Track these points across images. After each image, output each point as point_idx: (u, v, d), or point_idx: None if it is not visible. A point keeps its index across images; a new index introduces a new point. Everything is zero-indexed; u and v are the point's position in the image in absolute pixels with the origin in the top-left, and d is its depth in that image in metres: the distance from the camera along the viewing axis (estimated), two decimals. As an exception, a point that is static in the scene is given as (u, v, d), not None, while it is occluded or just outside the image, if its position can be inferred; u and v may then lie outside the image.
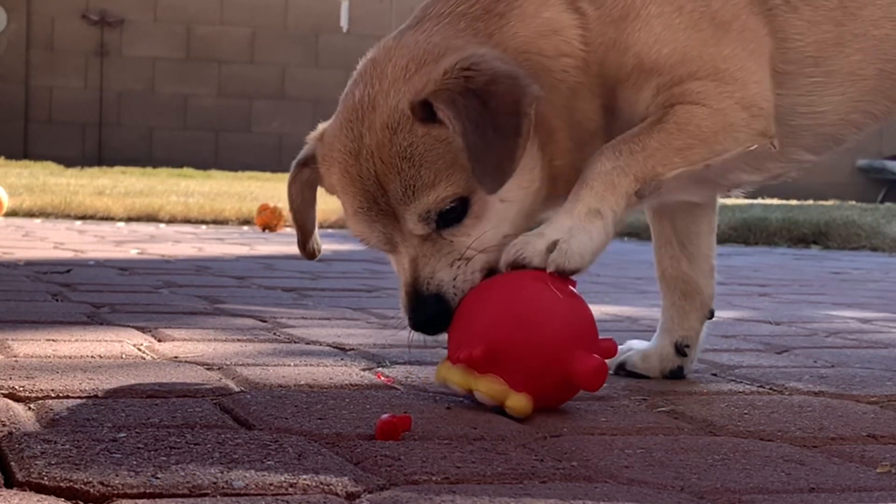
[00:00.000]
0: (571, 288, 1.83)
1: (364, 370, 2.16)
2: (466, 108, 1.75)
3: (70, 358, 2.16)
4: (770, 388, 2.13)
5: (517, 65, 1.83)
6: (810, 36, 1.97)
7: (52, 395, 1.80)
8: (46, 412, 1.68)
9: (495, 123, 1.75)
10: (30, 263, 4.23)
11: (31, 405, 1.74)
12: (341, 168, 1.87)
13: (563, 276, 1.81)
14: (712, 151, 1.90)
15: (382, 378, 2.08)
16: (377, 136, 1.81)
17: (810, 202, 11.75)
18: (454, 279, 1.83)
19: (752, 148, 1.93)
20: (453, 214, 1.82)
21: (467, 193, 1.81)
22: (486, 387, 1.77)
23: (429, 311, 1.83)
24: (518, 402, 1.75)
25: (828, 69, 1.99)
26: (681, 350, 2.19)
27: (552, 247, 1.81)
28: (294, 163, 2.02)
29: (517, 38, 1.88)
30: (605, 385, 1.84)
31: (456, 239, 1.83)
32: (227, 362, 2.18)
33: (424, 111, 1.79)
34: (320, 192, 2.03)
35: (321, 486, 1.34)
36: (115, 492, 1.28)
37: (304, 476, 1.37)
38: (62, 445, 1.46)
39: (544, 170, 1.88)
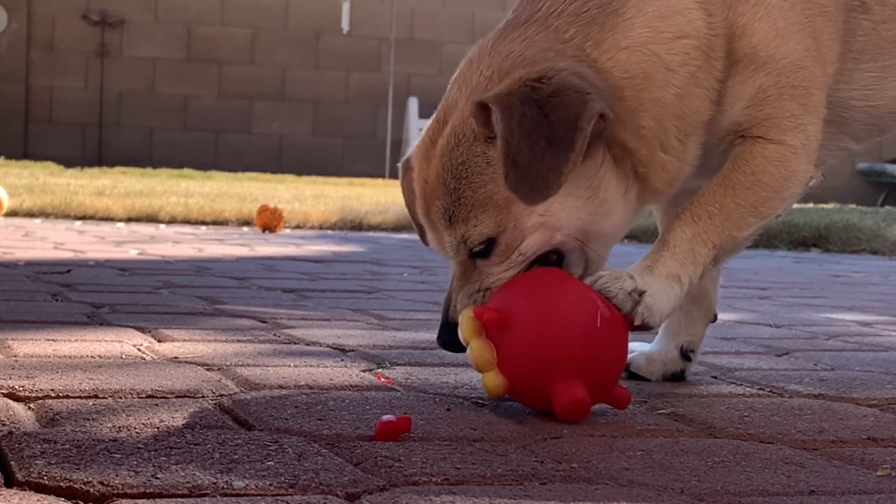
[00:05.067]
0: (623, 332, 1.81)
1: (364, 371, 2.16)
2: (522, 117, 1.72)
3: (70, 358, 2.15)
4: (770, 391, 2.13)
5: (599, 80, 1.77)
6: (874, 34, 2.01)
7: (52, 395, 1.80)
8: (46, 412, 1.68)
9: (550, 135, 1.72)
10: (30, 263, 4.23)
11: (31, 405, 1.74)
12: (417, 166, 1.90)
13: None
14: (782, 199, 1.94)
15: (382, 379, 2.08)
16: (444, 143, 1.83)
17: (810, 205, 11.73)
18: None
19: (811, 184, 1.98)
20: (481, 251, 1.83)
21: (494, 234, 1.81)
22: (478, 350, 1.78)
23: (448, 337, 1.87)
24: (491, 381, 1.78)
25: (884, 64, 2.03)
26: (686, 354, 2.20)
27: (637, 296, 1.82)
28: (402, 161, 2.02)
29: (633, 32, 1.82)
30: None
31: (484, 269, 1.85)
32: (227, 362, 2.18)
33: (485, 118, 1.76)
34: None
35: (321, 487, 1.34)
36: (115, 492, 1.28)
37: (304, 476, 1.37)
38: (62, 445, 1.46)
39: (616, 188, 1.84)
